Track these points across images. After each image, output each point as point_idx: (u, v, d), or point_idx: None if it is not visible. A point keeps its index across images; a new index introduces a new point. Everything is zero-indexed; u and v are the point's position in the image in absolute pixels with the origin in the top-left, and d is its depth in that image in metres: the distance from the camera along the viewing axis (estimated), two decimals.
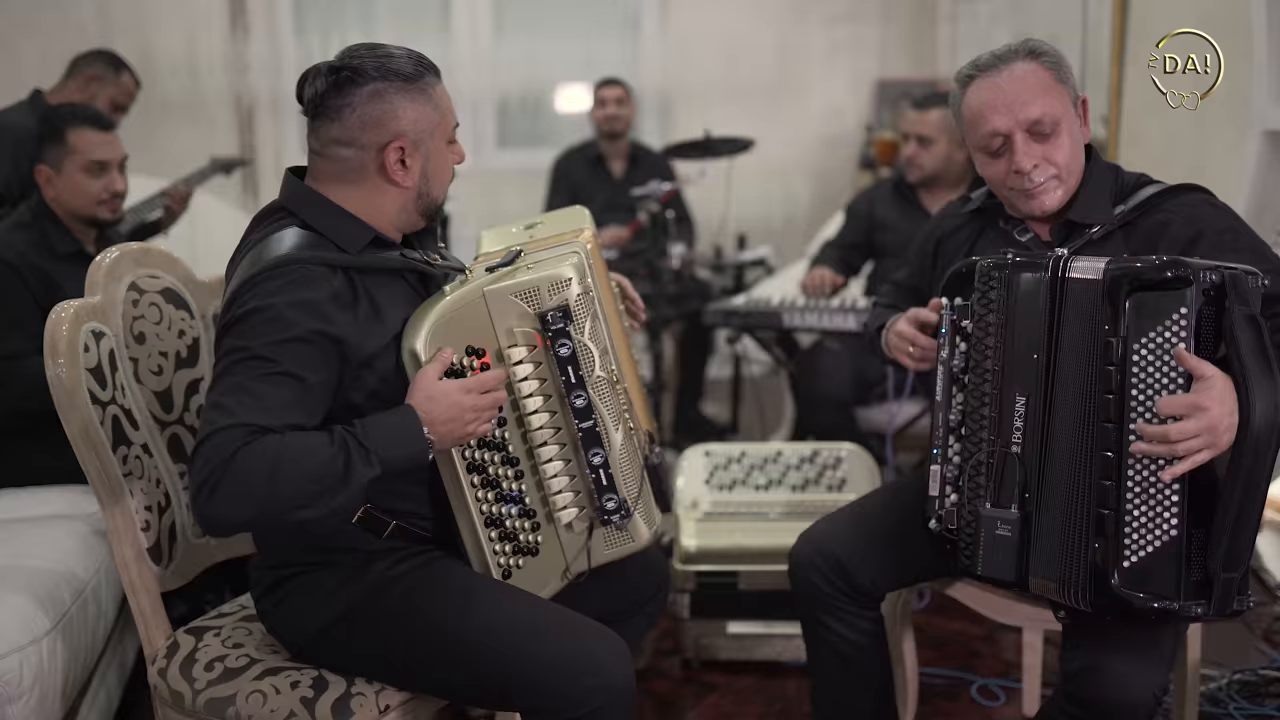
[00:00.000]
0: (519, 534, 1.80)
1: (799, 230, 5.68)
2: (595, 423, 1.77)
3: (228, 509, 1.53)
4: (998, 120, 1.93)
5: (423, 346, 1.68)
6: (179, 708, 1.80)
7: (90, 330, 1.84)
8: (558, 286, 1.74)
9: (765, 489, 3.00)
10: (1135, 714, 1.76)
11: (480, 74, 5.58)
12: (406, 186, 1.76)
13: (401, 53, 1.74)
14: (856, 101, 5.86)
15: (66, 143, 2.73)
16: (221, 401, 1.57)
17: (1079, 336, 1.80)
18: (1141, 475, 1.72)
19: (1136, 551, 1.74)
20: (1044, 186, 1.96)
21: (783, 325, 3.57)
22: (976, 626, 3.05)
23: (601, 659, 1.70)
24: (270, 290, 1.62)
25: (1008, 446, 1.86)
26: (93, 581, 2.25)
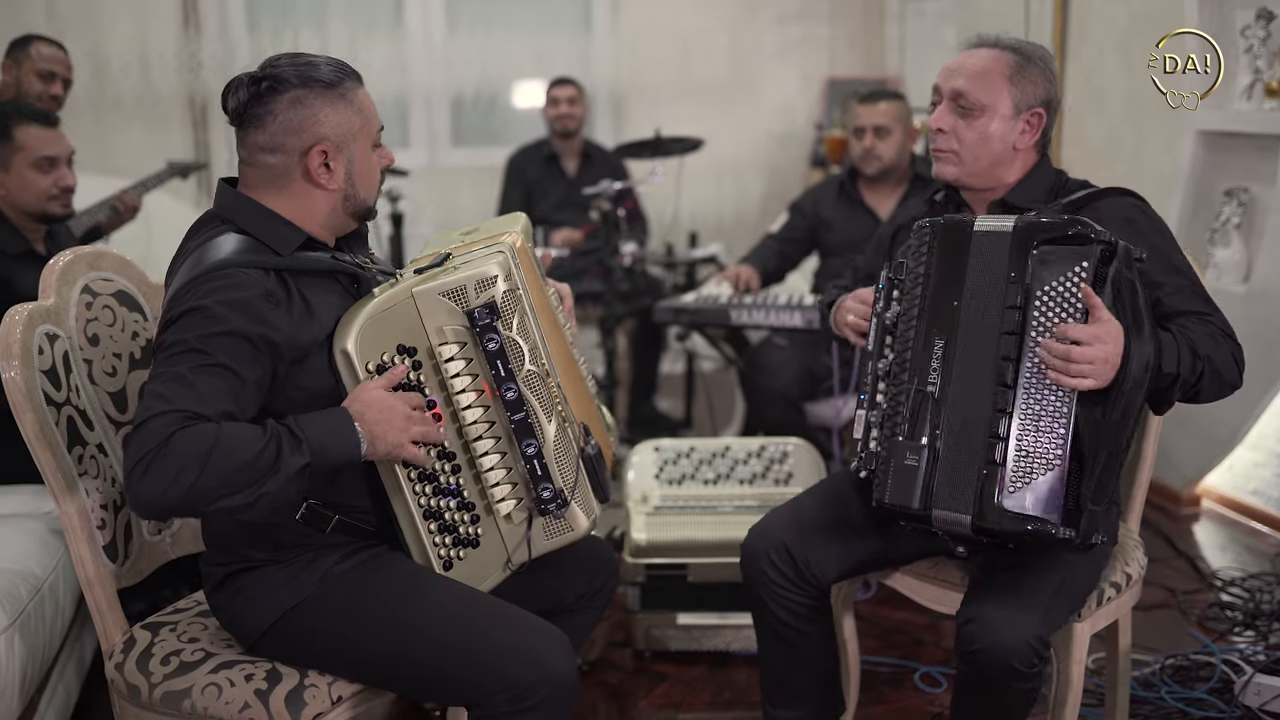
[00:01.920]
0: (458, 526, 1.85)
1: (750, 227, 5.74)
2: (527, 414, 1.83)
3: (159, 490, 1.56)
4: (940, 78, 2.14)
5: (353, 346, 1.74)
6: (136, 701, 1.84)
7: (44, 332, 1.87)
8: (484, 284, 1.81)
9: (714, 483, 3.07)
10: (1008, 659, 1.85)
11: (434, 71, 5.59)
12: (332, 189, 1.81)
13: (323, 60, 1.80)
14: (807, 99, 5.94)
15: (14, 140, 2.75)
16: (158, 390, 1.61)
17: (986, 283, 1.96)
18: (1032, 408, 1.88)
19: (1022, 478, 1.87)
20: (942, 154, 2.15)
21: (730, 322, 3.63)
22: (920, 616, 3.12)
23: (542, 653, 1.75)
24: (205, 292, 1.68)
25: (925, 386, 1.98)
26: (50, 579, 2.28)
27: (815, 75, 5.92)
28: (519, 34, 5.64)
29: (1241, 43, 3.59)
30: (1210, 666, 2.80)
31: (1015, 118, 2.10)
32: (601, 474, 1.99)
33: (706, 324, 3.79)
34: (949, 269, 2.01)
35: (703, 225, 5.68)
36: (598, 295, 4.21)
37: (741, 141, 5.83)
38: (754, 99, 5.91)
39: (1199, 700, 2.66)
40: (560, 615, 2.01)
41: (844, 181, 3.86)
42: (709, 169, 5.57)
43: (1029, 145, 2.13)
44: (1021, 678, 1.87)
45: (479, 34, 5.62)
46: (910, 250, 2.08)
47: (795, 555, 2.16)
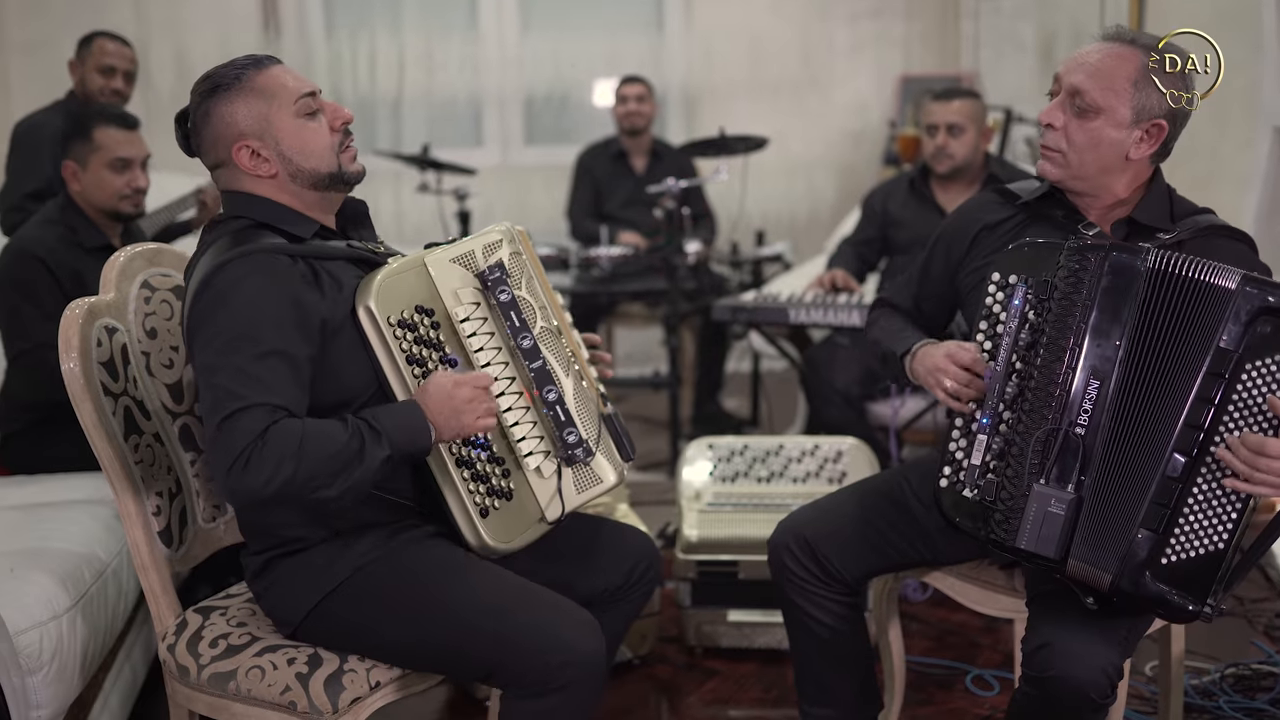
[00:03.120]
0: (490, 477, 1.90)
1: (822, 226, 5.73)
2: (544, 363, 1.93)
3: (260, 481, 1.65)
4: (1062, 69, 2.01)
5: (374, 302, 1.81)
6: (186, 682, 1.91)
7: (103, 326, 1.95)
8: (490, 249, 1.96)
9: (767, 481, 3.07)
10: (1084, 691, 1.78)
11: (507, 72, 5.67)
12: (271, 175, 1.86)
13: (221, 66, 1.86)
14: (880, 97, 5.90)
15: (92, 140, 2.87)
16: (227, 386, 1.68)
17: (1182, 337, 1.81)
18: (1209, 486, 1.79)
19: (1179, 552, 1.79)
20: (1049, 152, 2.02)
21: (789, 321, 3.62)
22: (977, 619, 3.09)
23: (568, 635, 1.78)
24: (239, 276, 1.74)
25: (1073, 426, 1.84)
26: (114, 563, 2.37)
27: (889, 73, 5.88)
28: (591, 34, 5.70)
29: None
30: (1273, 677, 2.74)
31: (1133, 126, 1.95)
32: (623, 432, 2.05)
33: (765, 322, 3.78)
34: (1114, 303, 1.84)
35: (774, 224, 5.68)
36: (662, 293, 4.24)
37: (813, 140, 5.82)
38: (826, 97, 5.89)
39: (1259, 711, 2.61)
40: (600, 606, 2.04)
41: (915, 179, 3.82)
42: (780, 167, 5.57)
43: (1144, 156, 1.98)
44: (1096, 709, 1.82)
45: (552, 35, 5.70)
46: (1064, 273, 1.87)
47: (816, 550, 2.16)
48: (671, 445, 4.18)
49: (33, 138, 3.74)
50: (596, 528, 2.13)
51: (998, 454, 1.91)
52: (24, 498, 2.64)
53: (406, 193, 5.12)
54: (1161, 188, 2.06)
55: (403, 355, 1.83)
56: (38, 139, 3.69)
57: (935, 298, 2.27)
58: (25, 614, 2.02)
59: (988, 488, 1.91)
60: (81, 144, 2.89)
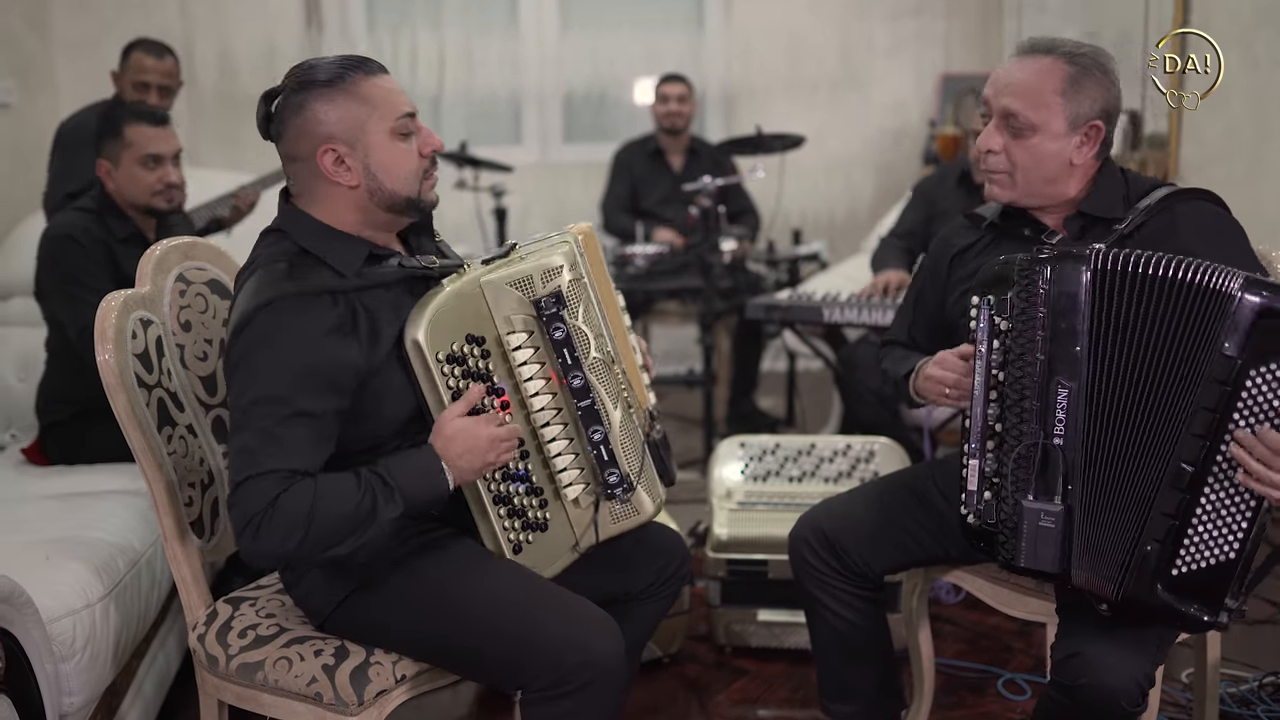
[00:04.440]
0: (527, 510, 1.89)
1: (860, 225, 5.70)
2: (593, 401, 1.88)
3: (270, 548, 1.67)
4: (988, 91, 2.02)
5: (424, 336, 1.77)
6: (215, 671, 1.93)
7: (138, 318, 1.98)
8: (550, 274, 1.86)
9: (799, 480, 3.06)
10: (1114, 700, 1.77)
11: (546, 69, 5.68)
12: (352, 185, 1.79)
13: (328, 60, 1.79)
14: (920, 96, 5.86)
15: (123, 138, 2.90)
16: (249, 447, 1.68)
17: (1150, 333, 1.79)
18: (1217, 495, 1.76)
19: (1189, 563, 1.77)
20: (993, 175, 2.03)
21: (823, 320, 3.60)
22: (1010, 623, 3.06)
23: (586, 637, 1.77)
24: (272, 327, 1.70)
25: (1050, 438, 1.84)
26: (148, 553, 2.40)
27: (930, 71, 5.84)
28: (631, 32, 5.70)
29: None
30: None
31: (1071, 133, 1.98)
32: (666, 458, 2.03)
33: (799, 321, 3.77)
34: (1068, 311, 1.83)
35: (811, 223, 5.65)
36: (697, 291, 4.23)
37: (852, 139, 5.78)
38: (866, 95, 5.85)
39: None
40: (628, 604, 2.04)
41: (966, 171, 3.77)
42: (818, 166, 5.55)
43: (1087, 158, 2.01)
44: (1126, 717, 1.80)
45: (591, 33, 5.70)
46: (1018, 289, 1.86)
47: (835, 543, 2.15)
48: (705, 444, 4.18)
49: (75, 138, 3.78)
50: None
51: (991, 475, 1.92)
52: (61, 488, 2.69)
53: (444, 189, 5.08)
54: (1112, 175, 2.06)
55: (449, 393, 1.80)
56: (79, 139, 3.73)
57: (929, 328, 2.27)
58: (59, 602, 2.05)
59: (986, 511, 1.92)
60: (113, 142, 2.92)
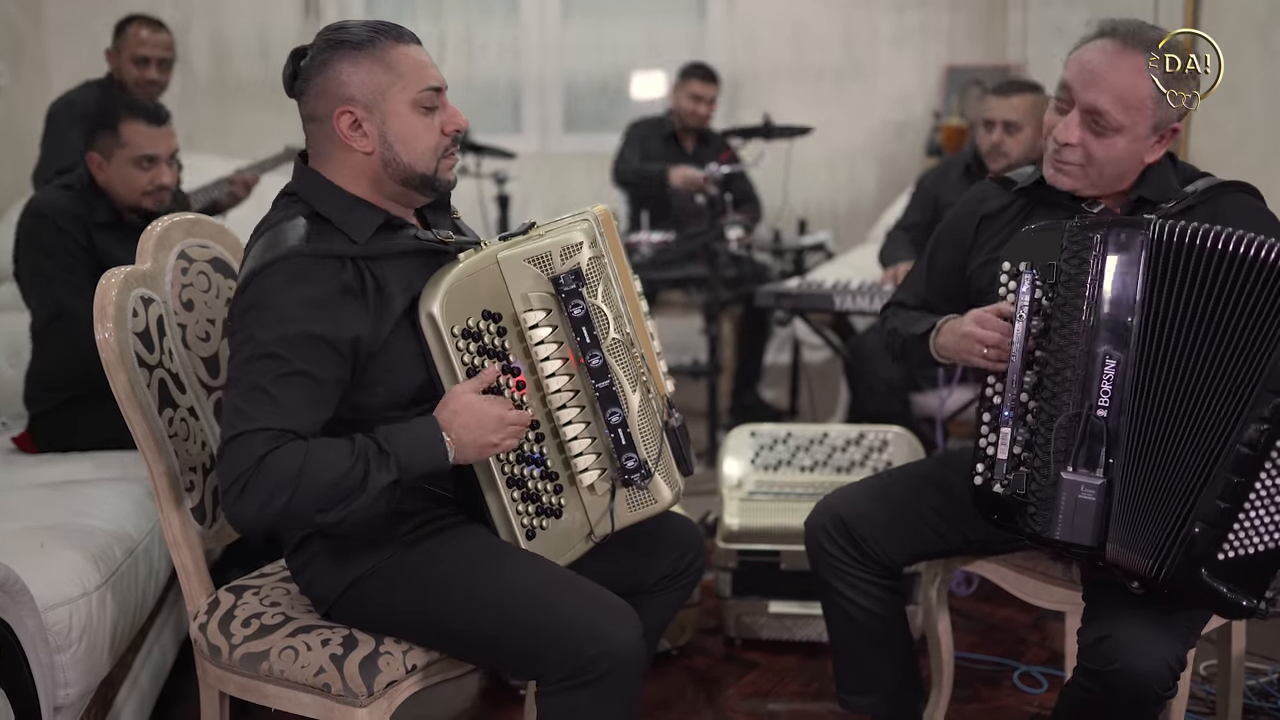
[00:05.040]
0: (541, 495, 1.83)
1: (864, 216, 5.66)
2: (611, 382, 1.81)
3: (254, 510, 1.61)
4: (1075, 81, 1.91)
5: (439, 310, 1.71)
6: (217, 662, 1.87)
7: (139, 296, 1.91)
8: (569, 251, 1.79)
9: (811, 470, 3.00)
10: (1146, 684, 1.72)
11: (547, 58, 5.63)
12: (366, 151, 1.74)
13: (359, 23, 1.75)
14: (924, 88, 5.81)
15: (119, 135, 2.79)
16: (241, 406, 1.63)
17: (1210, 307, 1.74)
18: (1274, 482, 1.71)
19: (1237, 548, 1.73)
20: (1065, 165, 1.96)
21: (834, 308, 3.54)
22: (1024, 615, 3.02)
23: (604, 626, 1.71)
24: (279, 284, 1.65)
25: (1093, 409, 1.78)
26: (145, 541, 2.33)
27: (934, 63, 5.79)
28: (633, 20, 5.65)
29: None
30: None
31: (1150, 136, 1.91)
32: (685, 446, 1.97)
33: (809, 309, 3.70)
34: (1124, 280, 1.78)
35: (815, 214, 5.61)
36: (702, 280, 4.17)
37: (856, 130, 5.74)
38: (870, 86, 5.80)
39: None
40: (644, 596, 1.98)
41: (971, 164, 3.70)
42: (822, 157, 5.50)
43: (1158, 155, 1.95)
44: (1157, 702, 1.76)
45: (593, 20, 5.64)
46: (1068, 255, 1.82)
47: (853, 531, 2.10)
48: (710, 435, 4.12)
49: (66, 115, 3.71)
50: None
51: (1024, 445, 1.86)
52: (54, 475, 2.61)
53: None
54: (1165, 163, 2.00)
55: (464, 368, 1.74)
56: (70, 117, 3.67)
57: (944, 294, 2.20)
58: (55, 590, 1.98)
59: (1017, 481, 1.86)
60: (107, 137, 2.81)
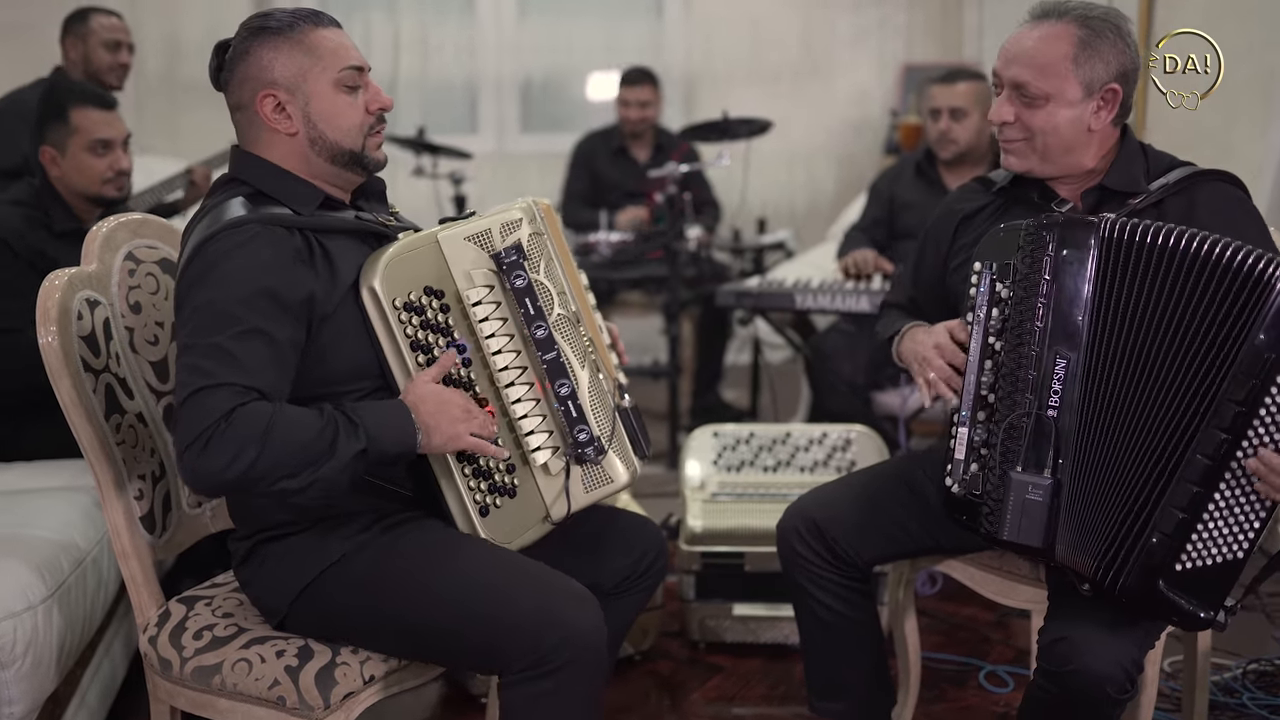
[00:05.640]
0: (494, 474, 1.80)
1: (823, 215, 5.65)
2: (559, 354, 1.82)
3: (219, 466, 1.56)
4: (999, 63, 1.97)
5: (380, 283, 1.71)
6: (168, 675, 1.81)
7: (84, 298, 1.85)
8: (509, 227, 1.83)
9: (774, 470, 2.98)
10: (1100, 686, 1.71)
11: (503, 57, 5.57)
12: (291, 133, 1.77)
13: (279, 10, 1.78)
14: (882, 86, 5.82)
15: (70, 123, 2.73)
16: (200, 364, 1.60)
17: (1165, 308, 1.73)
18: (1233, 493, 1.70)
19: (1195, 559, 1.72)
20: (1010, 144, 1.97)
21: (795, 307, 3.53)
22: (987, 613, 3.02)
23: (564, 612, 1.69)
24: (230, 247, 1.65)
25: (1044, 409, 1.79)
26: (93, 552, 2.26)
27: (891, 61, 5.80)
28: (590, 20, 5.61)
29: None
30: None
31: (1087, 99, 1.91)
32: (639, 427, 1.95)
33: (770, 308, 3.68)
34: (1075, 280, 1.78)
35: (774, 213, 5.59)
36: (662, 281, 4.14)
37: (814, 129, 5.73)
38: (828, 85, 5.80)
39: None
40: (605, 598, 1.93)
41: (920, 162, 3.73)
42: (781, 156, 5.48)
43: (1105, 124, 1.94)
44: (1114, 704, 1.75)
45: (549, 20, 5.60)
46: (1022, 255, 1.83)
47: (825, 532, 2.08)
48: (670, 437, 4.09)
49: (12, 114, 3.62)
50: (604, 516, 2.04)
51: (980, 445, 1.86)
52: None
53: (402, 177, 5.00)
54: (1133, 148, 2.01)
55: (406, 341, 1.74)
56: (17, 115, 3.57)
57: (931, 294, 2.21)
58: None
59: (973, 481, 1.86)
60: (58, 128, 2.74)
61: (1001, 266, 1.86)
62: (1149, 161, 2.01)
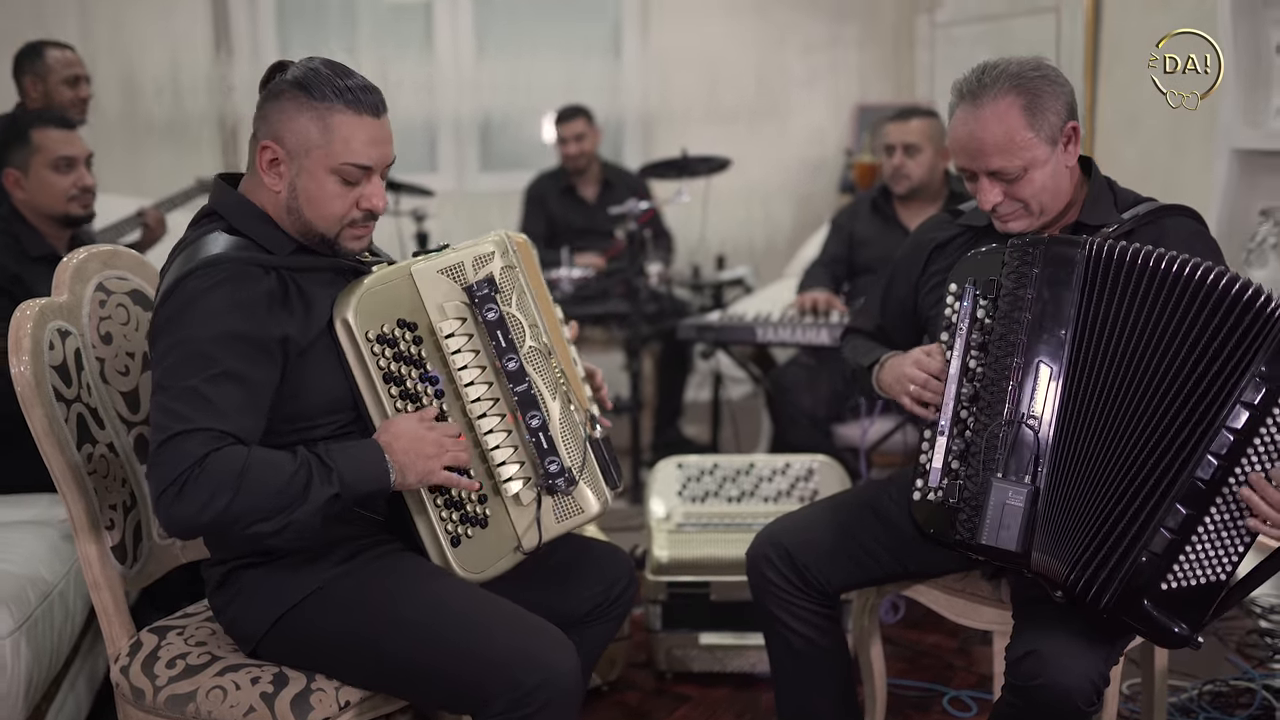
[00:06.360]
0: (465, 503, 1.82)
1: (780, 253, 5.71)
2: (530, 386, 1.84)
3: (192, 511, 1.58)
4: (964, 160, 1.99)
5: (353, 315, 1.74)
6: (140, 705, 1.80)
7: (56, 329, 1.86)
8: (481, 261, 1.86)
9: (738, 500, 3.01)
10: (1069, 699, 1.75)
11: (463, 95, 5.60)
12: (275, 190, 1.77)
13: (337, 75, 1.75)
14: (837, 125, 5.91)
15: (31, 143, 2.76)
16: (174, 407, 1.61)
17: (1150, 325, 1.79)
18: (1222, 518, 1.75)
19: (1181, 579, 1.76)
20: (1009, 215, 2.01)
21: (756, 340, 3.57)
22: (950, 640, 3.06)
23: (541, 653, 1.70)
24: (205, 287, 1.66)
25: (1025, 418, 1.83)
26: (60, 585, 2.25)
27: (845, 101, 5.90)
28: (548, 58, 5.64)
29: (1277, 61, 3.53)
30: (1251, 693, 2.71)
31: (1053, 151, 1.96)
32: (611, 459, 1.97)
33: (732, 341, 3.73)
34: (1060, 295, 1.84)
35: (733, 250, 5.65)
36: (623, 317, 4.17)
37: (771, 167, 5.80)
38: (783, 125, 5.88)
39: None
40: (574, 627, 1.95)
41: (876, 199, 3.81)
42: (738, 194, 5.55)
43: (1075, 158, 2.00)
44: (1080, 717, 1.78)
45: (508, 58, 5.63)
46: (1008, 270, 1.89)
47: (796, 559, 2.11)
48: (633, 472, 4.11)
49: None
50: (575, 544, 2.05)
51: (959, 455, 1.90)
52: None
53: None
54: (1100, 185, 2.07)
55: (380, 373, 1.76)
56: None
57: (900, 321, 2.25)
58: None
59: (950, 489, 1.90)
60: (20, 149, 2.78)
61: (985, 283, 1.91)
62: (1116, 196, 2.07)
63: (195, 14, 5.31)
